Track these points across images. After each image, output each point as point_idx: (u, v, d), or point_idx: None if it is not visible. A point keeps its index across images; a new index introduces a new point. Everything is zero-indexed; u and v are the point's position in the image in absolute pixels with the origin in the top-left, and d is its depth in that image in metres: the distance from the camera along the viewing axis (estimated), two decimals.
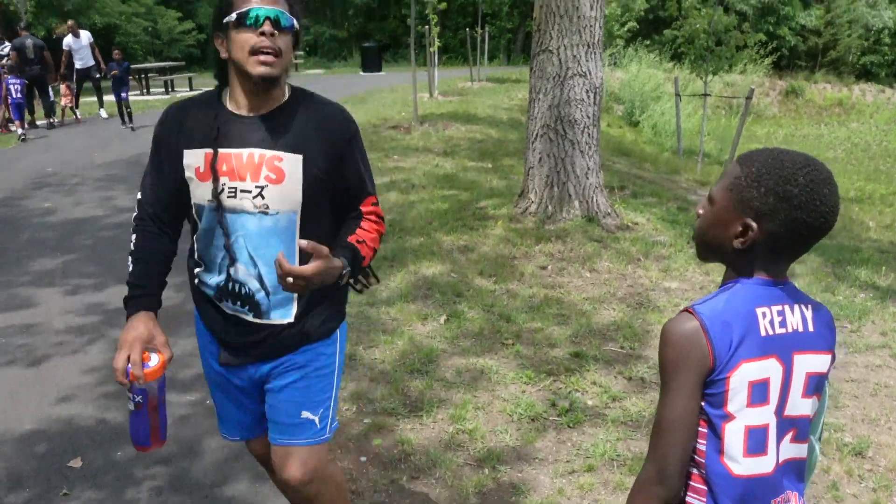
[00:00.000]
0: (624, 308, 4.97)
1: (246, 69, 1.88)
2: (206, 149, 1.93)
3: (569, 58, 6.38)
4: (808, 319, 1.42)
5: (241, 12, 1.85)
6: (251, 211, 1.93)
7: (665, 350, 1.37)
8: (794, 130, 25.64)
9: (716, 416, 1.35)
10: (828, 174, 1.35)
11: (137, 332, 1.92)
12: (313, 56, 35.90)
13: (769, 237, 1.36)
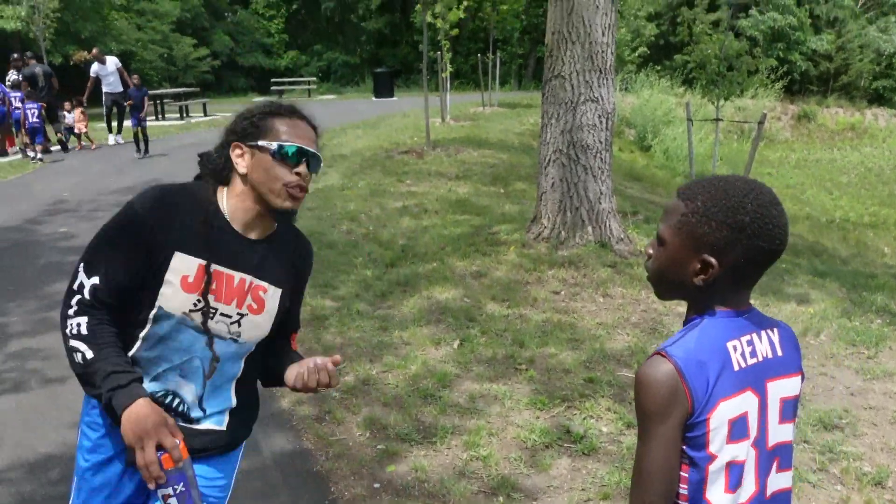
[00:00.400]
0: (638, 333, 4.95)
1: (270, 199, 1.81)
2: (200, 259, 1.80)
3: (581, 83, 6.41)
4: (775, 344, 1.41)
5: (285, 147, 1.79)
6: (223, 336, 1.86)
7: (641, 397, 1.32)
8: (806, 155, 25.58)
9: (698, 458, 1.32)
10: (772, 195, 1.34)
11: (157, 417, 1.72)
12: (326, 82, 36.20)
13: (730, 269, 1.33)
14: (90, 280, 1.78)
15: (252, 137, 1.82)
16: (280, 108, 1.87)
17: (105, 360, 1.75)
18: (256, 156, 1.81)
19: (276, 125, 1.82)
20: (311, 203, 8.88)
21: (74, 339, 1.77)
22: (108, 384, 1.73)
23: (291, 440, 3.66)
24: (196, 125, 19.06)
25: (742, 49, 15.01)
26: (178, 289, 1.78)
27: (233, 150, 1.84)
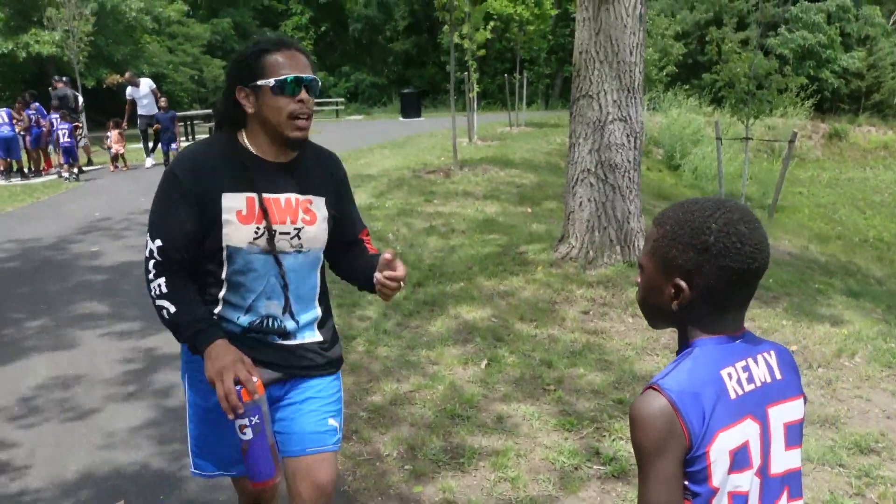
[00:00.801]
0: (667, 354, 4.89)
1: (280, 131, 2.01)
2: (247, 193, 2.01)
3: (609, 103, 6.40)
4: (773, 368, 1.37)
5: (280, 80, 1.95)
6: (287, 251, 2.07)
7: (637, 435, 1.29)
8: (838, 174, 25.30)
9: (701, 492, 1.29)
10: (742, 212, 1.31)
11: (232, 355, 1.90)
12: (353, 102, 36.55)
13: (703, 292, 1.31)
14: (155, 243, 1.99)
15: (251, 78, 1.98)
16: (269, 42, 2.00)
17: (186, 313, 1.97)
18: (259, 94, 1.98)
19: (269, 61, 1.96)
20: None
21: (158, 298, 1.99)
22: (190, 332, 1.96)
23: None
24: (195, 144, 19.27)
25: (772, 67, 14.88)
26: (237, 223, 1.99)
27: (238, 93, 2.01)
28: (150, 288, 2.01)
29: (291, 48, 2.00)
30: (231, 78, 2.03)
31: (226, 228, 1.99)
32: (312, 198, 2.11)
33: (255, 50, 1.98)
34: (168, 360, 4.95)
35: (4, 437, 3.96)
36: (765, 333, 5.25)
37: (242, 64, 1.99)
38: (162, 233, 1.99)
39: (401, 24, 37.35)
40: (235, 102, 2.02)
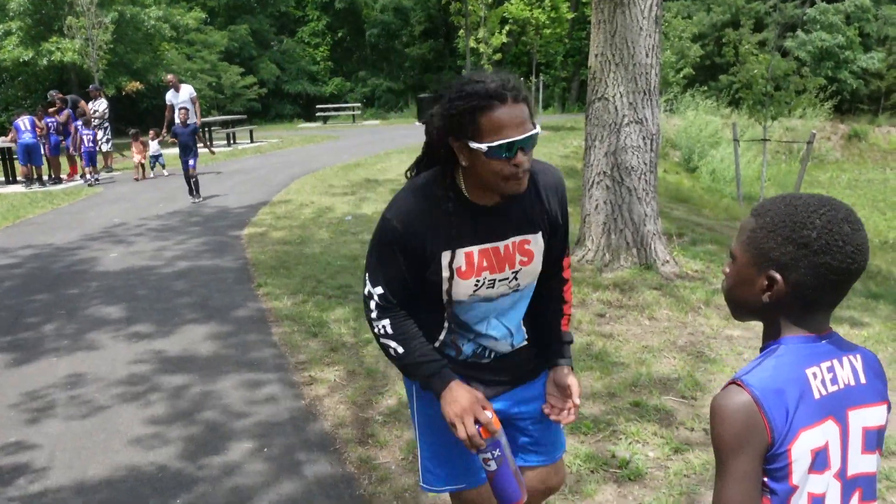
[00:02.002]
0: (685, 357, 4.86)
1: (496, 189, 1.90)
2: (466, 248, 1.97)
3: (625, 105, 6.38)
4: (858, 371, 1.35)
5: (494, 147, 1.80)
6: (506, 293, 2.07)
7: (718, 430, 1.27)
8: (857, 175, 25.06)
9: (780, 490, 1.27)
10: (847, 212, 1.29)
11: (470, 396, 1.96)
12: (370, 107, 36.65)
13: (796, 288, 1.29)
14: (375, 290, 2.01)
15: (463, 135, 1.84)
16: (483, 95, 1.80)
17: (413, 354, 2.01)
18: (472, 153, 1.85)
19: (484, 122, 1.80)
20: (354, 228, 8.97)
21: (383, 338, 2.03)
22: (422, 373, 2.01)
23: (334, 464, 3.67)
24: (243, 152, 19.40)
25: (790, 69, 14.82)
26: (457, 280, 1.99)
27: (451, 141, 1.89)
28: (372, 326, 2.05)
29: (507, 99, 1.80)
30: (443, 126, 1.88)
31: (446, 284, 1.99)
32: (530, 237, 2.04)
33: (469, 107, 1.80)
34: (183, 364, 4.98)
35: (24, 438, 4.00)
36: None
37: (454, 118, 1.83)
38: (381, 281, 1.99)
39: (417, 28, 37.42)
40: (448, 148, 1.91)
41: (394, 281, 1.98)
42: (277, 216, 10.09)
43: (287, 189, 12.44)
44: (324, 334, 5.40)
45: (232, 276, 7.17)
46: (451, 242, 1.95)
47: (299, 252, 7.89)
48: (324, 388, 4.54)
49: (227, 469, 3.64)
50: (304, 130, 28.06)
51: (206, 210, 10.93)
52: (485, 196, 1.95)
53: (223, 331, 5.63)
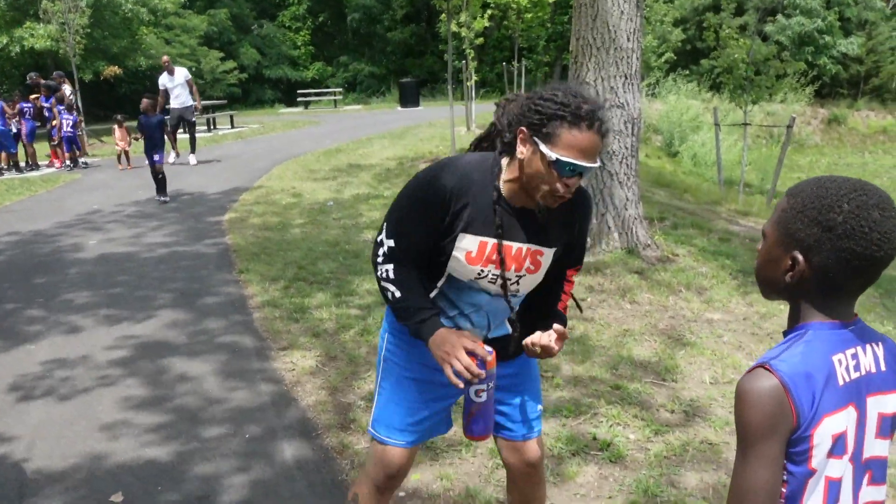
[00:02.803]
0: (665, 340, 4.89)
1: (534, 193, 1.95)
2: (482, 237, 2.02)
3: (606, 89, 6.37)
4: (879, 359, 1.36)
5: (563, 162, 1.85)
6: (502, 294, 2.14)
7: (745, 413, 1.26)
8: (837, 159, 25.27)
9: (799, 473, 1.28)
10: (881, 198, 1.27)
11: (456, 335, 2.01)
12: (352, 92, 36.46)
13: (819, 271, 1.28)
14: (388, 241, 2.07)
15: (537, 133, 1.88)
16: (576, 110, 1.85)
17: (410, 299, 2.06)
18: (535, 152, 1.89)
19: (562, 134, 1.85)
20: (336, 213, 8.93)
21: (384, 281, 2.09)
22: (414, 318, 2.06)
23: (315, 448, 3.66)
24: (223, 137, 19.25)
25: (770, 53, 14.85)
26: (464, 262, 2.05)
27: (519, 132, 1.92)
28: (376, 268, 2.11)
29: (593, 128, 1.86)
30: (523, 112, 1.93)
31: (452, 262, 2.06)
32: (545, 249, 2.11)
33: (557, 113, 1.85)
34: (163, 349, 4.95)
35: (2, 427, 3.96)
36: (760, 318, 5.25)
37: (539, 115, 1.88)
38: (396, 237, 2.06)
39: (399, 13, 37.20)
40: (513, 133, 1.96)
41: (407, 241, 2.05)
42: (258, 202, 10.03)
43: (268, 175, 12.36)
44: (305, 320, 5.38)
45: (212, 262, 7.13)
46: (474, 228, 2.01)
47: (280, 238, 7.85)
48: (304, 373, 4.52)
49: (206, 453, 3.63)
50: (286, 116, 27.88)
51: (185, 196, 10.84)
52: (518, 198, 2.01)
53: (203, 316, 5.60)
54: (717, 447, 3.57)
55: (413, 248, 2.06)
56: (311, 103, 32.31)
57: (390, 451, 2.28)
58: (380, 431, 2.29)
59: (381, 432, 2.29)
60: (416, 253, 2.07)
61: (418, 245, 2.06)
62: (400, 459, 2.28)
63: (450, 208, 1.99)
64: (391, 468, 2.28)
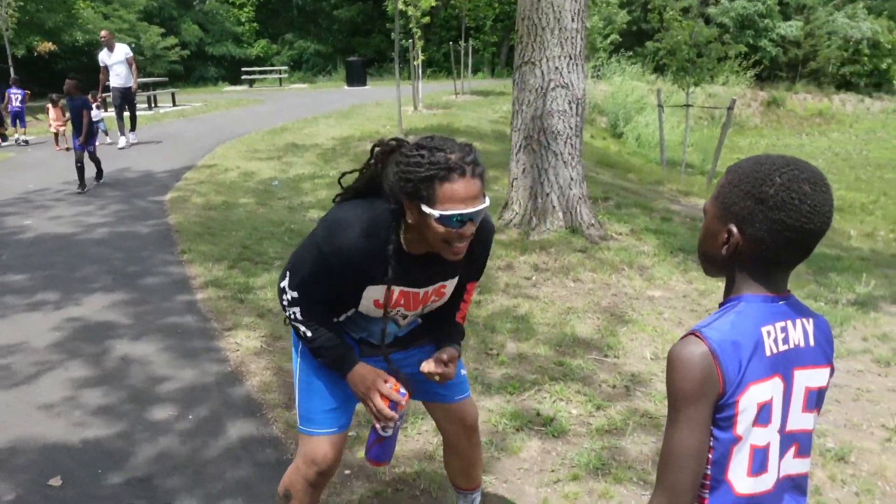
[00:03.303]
0: (608, 317, 4.98)
1: (436, 250, 2.01)
2: (385, 286, 2.11)
3: (551, 69, 6.42)
4: (808, 334, 1.41)
5: (447, 216, 1.89)
6: (411, 321, 2.33)
7: (675, 378, 1.31)
8: (775, 140, 25.88)
9: (725, 439, 1.32)
10: (812, 173, 1.32)
11: (374, 374, 2.14)
12: (297, 71, 35.94)
13: (753, 243, 1.33)
14: (292, 292, 2.14)
15: (416, 197, 1.92)
16: (443, 166, 1.87)
17: (321, 338, 2.15)
18: (422, 214, 1.93)
19: (439, 191, 1.88)
20: (282, 193, 8.84)
21: (294, 322, 2.17)
22: (328, 356, 2.17)
23: (260, 428, 3.65)
24: (165, 116, 18.83)
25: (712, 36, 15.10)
26: (371, 307, 2.17)
27: (406, 204, 1.97)
28: (285, 309, 2.18)
29: (466, 174, 1.88)
30: (397, 182, 1.95)
31: (359, 307, 2.19)
32: (448, 283, 2.23)
33: (427, 175, 1.87)
34: (104, 331, 4.86)
35: None
36: (700, 295, 5.39)
37: (410, 183, 1.90)
38: (300, 291, 2.13)
39: None
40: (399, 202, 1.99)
41: (312, 295, 2.14)
42: (201, 181, 9.86)
43: (212, 154, 12.15)
44: (250, 300, 5.34)
45: (154, 243, 7.00)
46: (378, 280, 2.09)
47: (224, 217, 7.75)
48: (249, 353, 4.49)
49: (149, 435, 3.59)
50: (230, 94, 27.37)
51: (127, 175, 10.60)
52: (419, 248, 2.07)
53: (145, 297, 5.51)
54: (657, 420, 3.67)
55: (318, 300, 2.15)
56: (256, 81, 31.77)
57: (318, 442, 2.30)
58: (307, 425, 2.32)
59: (308, 426, 2.32)
60: (322, 301, 2.16)
61: (323, 298, 2.16)
62: (328, 449, 2.30)
63: (354, 271, 2.06)
64: (320, 459, 2.29)
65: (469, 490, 2.72)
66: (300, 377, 2.33)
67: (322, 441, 2.30)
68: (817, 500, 3.06)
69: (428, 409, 2.61)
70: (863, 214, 13.73)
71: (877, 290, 5.59)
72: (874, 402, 3.90)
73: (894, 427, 3.63)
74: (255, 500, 3.09)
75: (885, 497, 3.11)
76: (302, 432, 2.34)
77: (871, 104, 31.86)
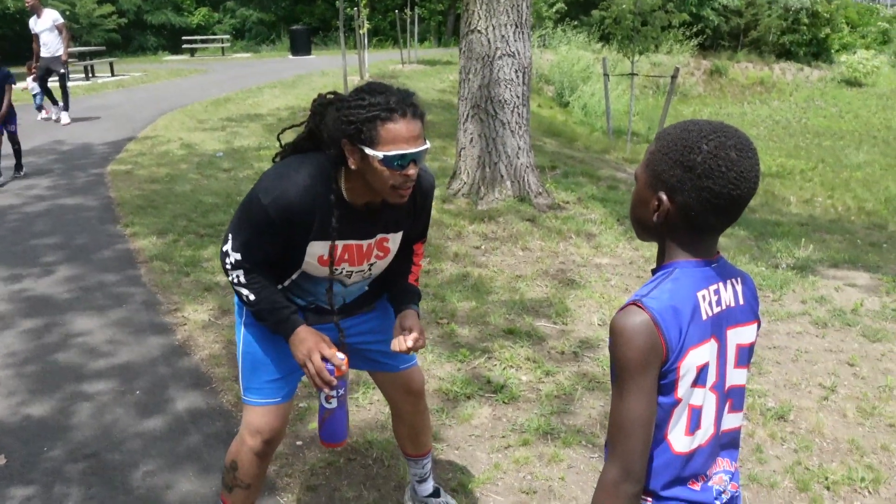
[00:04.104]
0: (556, 285, 5.04)
1: (381, 195, 2.00)
2: (331, 241, 2.08)
3: (497, 38, 6.40)
4: (738, 293, 1.44)
5: (390, 156, 1.88)
6: (357, 281, 2.27)
7: (620, 349, 1.32)
8: (718, 109, 26.29)
9: (666, 403, 1.35)
10: (739, 139, 1.33)
11: (315, 337, 2.09)
12: (240, 40, 35.17)
13: (682, 210, 1.34)
14: (235, 254, 2.09)
15: (358, 140, 1.91)
16: (385, 107, 1.88)
17: (265, 301, 2.11)
18: (365, 158, 1.92)
19: (381, 131, 1.88)
20: (227, 164, 8.69)
21: (237, 285, 2.12)
22: (272, 318, 2.12)
23: (210, 401, 3.62)
24: (103, 86, 18.28)
25: (656, 4, 15.19)
26: (316, 265, 2.13)
27: (343, 144, 1.94)
28: (227, 274, 2.13)
29: (407, 113, 1.90)
30: (338, 126, 1.93)
31: (304, 266, 2.13)
32: (391, 235, 2.20)
33: (369, 116, 1.88)
34: (44, 306, 4.74)
35: None
36: (646, 261, 5.48)
37: (353, 125, 1.90)
38: (242, 252, 2.08)
39: None
40: (339, 149, 1.96)
41: (254, 256, 2.08)
42: (143, 153, 9.63)
43: (153, 125, 11.86)
44: (196, 273, 5.25)
45: (95, 216, 6.83)
46: (320, 235, 2.06)
47: (168, 190, 7.59)
48: (197, 327, 4.44)
49: (95, 411, 3.53)
50: (170, 63, 26.68)
51: (65, 147, 10.29)
52: (362, 197, 2.05)
53: (87, 272, 5.38)
54: (604, 385, 3.74)
55: (260, 260, 2.10)
56: (198, 51, 31.03)
57: (263, 412, 2.28)
58: (251, 396, 2.30)
59: (251, 396, 2.30)
60: (264, 262, 2.11)
61: (266, 257, 2.10)
62: (272, 418, 2.29)
63: (296, 223, 2.01)
64: (266, 428, 2.28)
65: (418, 456, 2.73)
66: (244, 348, 2.30)
67: (267, 411, 2.28)
68: (758, 458, 3.16)
69: (374, 378, 2.62)
70: (802, 181, 14.07)
71: (815, 255, 5.76)
72: (812, 363, 4.03)
73: (831, 386, 3.77)
74: (204, 471, 3.07)
75: (823, 453, 3.23)
76: (246, 403, 2.32)
77: (810, 73, 32.53)
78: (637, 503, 1.36)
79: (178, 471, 3.08)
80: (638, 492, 1.35)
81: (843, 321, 4.53)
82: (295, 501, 2.91)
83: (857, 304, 4.77)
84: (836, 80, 31.42)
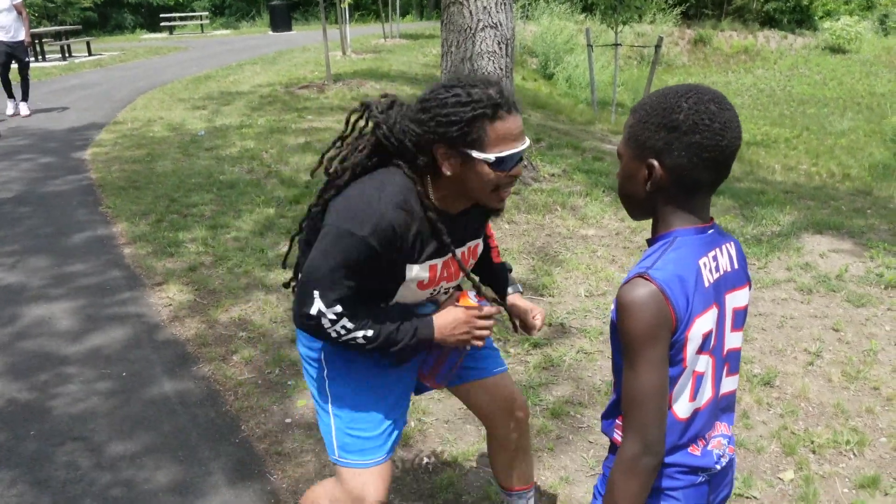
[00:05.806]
0: (542, 257, 5.03)
1: (481, 200, 1.80)
2: (432, 261, 1.86)
3: (479, 9, 6.33)
4: (732, 257, 1.45)
5: (503, 157, 1.70)
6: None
7: (629, 322, 1.30)
8: (703, 78, 26.23)
9: (674, 372, 1.35)
10: (714, 94, 1.34)
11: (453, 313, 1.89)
12: (219, 16, 34.76)
13: (674, 171, 1.34)
14: (330, 310, 1.76)
15: (461, 143, 1.70)
16: (489, 104, 1.68)
17: (384, 327, 1.81)
18: (465, 163, 1.72)
19: (488, 131, 1.69)
20: (208, 143, 8.60)
21: (346, 338, 1.80)
22: (403, 336, 1.83)
23: (199, 383, 3.60)
24: (80, 66, 18.04)
25: None
26: (415, 290, 1.89)
27: (436, 149, 1.73)
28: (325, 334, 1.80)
29: (512, 109, 1.71)
30: (430, 129, 1.71)
31: (402, 290, 1.87)
32: (477, 241, 2.03)
33: (474, 115, 1.67)
34: (25, 291, 4.69)
35: None
36: (632, 232, 5.48)
37: (455, 124, 1.68)
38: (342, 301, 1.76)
39: None
40: (429, 154, 1.75)
41: (353, 296, 1.78)
42: (123, 134, 9.52)
43: (133, 105, 11.71)
44: (180, 254, 5.21)
45: (76, 199, 6.75)
46: (421, 256, 1.83)
47: (149, 170, 7.51)
48: (182, 307, 4.41)
49: (81, 394, 3.51)
50: (149, 42, 26.33)
51: (43, 129, 10.15)
52: (454, 206, 1.85)
53: (68, 255, 5.33)
54: (592, 355, 3.75)
55: (356, 299, 1.80)
56: (176, 28, 30.64)
57: (369, 476, 1.96)
58: (355, 458, 1.97)
59: (356, 458, 1.97)
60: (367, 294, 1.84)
61: (368, 292, 1.84)
62: (380, 483, 1.97)
63: (401, 249, 1.78)
64: (372, 496, 1.95)
65: (524, 489, 2.39)
66: (334, 409, 1.99)
67: (373, 474, 1.97)
68: (745, 423, 3.18)
69: (460, 395, 2.27)
70: (786, 149, 14.10)
71: (799, 222, 5.78)
72: (797, 329, 4.05)
73: (816, 351, 3.79)
74: (192, 451, 3.06)
75: (808, 417, 3.26)
76: (343, 465, 1.98)
77: (794, 41, 32.47)
78: (655, 476, 1.35)
79: (166, 451, 3.07)
80: (657, 464, 1.34)
81: (828, 287, 4.55)
82: (285, 479, 2.90)
83: (841, 269, 4.79)
84: (819, 48, 31.38)
